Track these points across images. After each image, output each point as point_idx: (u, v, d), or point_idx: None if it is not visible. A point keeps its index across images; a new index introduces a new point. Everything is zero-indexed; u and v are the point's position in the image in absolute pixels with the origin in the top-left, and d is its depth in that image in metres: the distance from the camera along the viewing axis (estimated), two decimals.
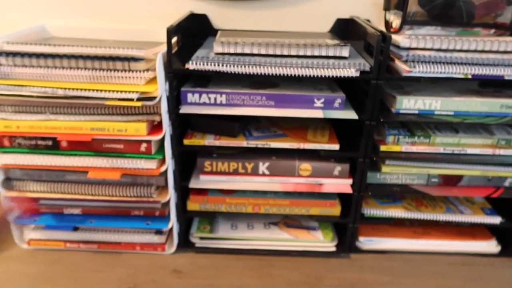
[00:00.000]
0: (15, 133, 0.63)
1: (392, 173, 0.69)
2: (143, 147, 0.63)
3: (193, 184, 0.69)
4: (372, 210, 0.72)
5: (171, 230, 0.73)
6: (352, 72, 0.60)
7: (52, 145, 0.64)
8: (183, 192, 0.71)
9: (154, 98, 0.59)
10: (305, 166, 0.68)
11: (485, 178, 0.69)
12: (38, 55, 0.59)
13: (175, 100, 0.63)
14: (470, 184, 0.70)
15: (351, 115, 0.63)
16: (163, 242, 0.72)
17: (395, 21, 0.67)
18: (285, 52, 0.61)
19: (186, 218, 0.74)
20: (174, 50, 0.67)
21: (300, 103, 0.64)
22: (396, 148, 0.67)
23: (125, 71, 0.59)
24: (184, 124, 0.70)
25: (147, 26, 0.80)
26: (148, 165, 0.64)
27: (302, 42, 0.62)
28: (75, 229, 0.72)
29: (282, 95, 0.63)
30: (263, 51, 0.61)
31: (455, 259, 0.74)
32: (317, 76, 0.60)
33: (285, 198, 0.72)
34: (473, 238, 0.75)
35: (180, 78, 0.66)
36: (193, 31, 0.77)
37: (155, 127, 0.64)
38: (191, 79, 0.69)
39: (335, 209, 0.72)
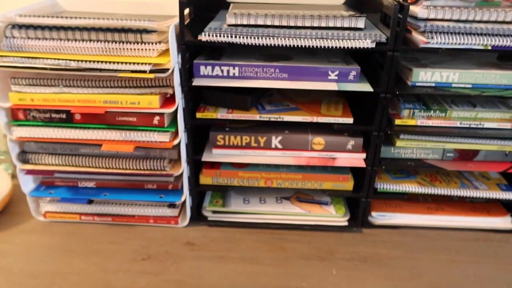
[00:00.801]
0: (29, 106, 0.63)
1: (406, 148, 0.68)
2: (156, 120, 0.63)
3: (206, 157, 0.69)
4: (386, 185, 0.72)
5: (184, 203, 0.73)
6: (368, 43, 0.58)
7: (66, 118, 0.64)
8: (196, 166, 0.71)
9: (167, 70, 0.59)
10: (318, 140, 0.68)
11: (502, 153, 0.68)
12: (50, 28, 0.59)
13: (187, 72, 0.63)
14: (486, 159, 0.69)
15: (366, 87, 0.62)
16: (176, 216, 0.73)
17: None
18: (299, 24, 0.60)
19: (198, 192, 0.74)
20: (186, 22, 0.66)
21: (314, 75, 0.63)
22: (411, 122, 0.66)
23: (138, 43, 0.59)
24: (197, 98, 0.69)
25: None
26: (161, 138, 0.64)
27: (317, 13, 0.61)
28: (90, 202, 0.73)
29: (296, 67, 0.62)
30: (276, 23, 0.60)
31: (468, 234, 0.73)
32: (332, 47, 0.59)
33: (298, 172, 0.71)
34: (488, 214, 0.74)
35: (192, 51, 0.66)
36: (205, 4, 0.76)
37: (168, 99, 0.64)
38: (204, 52, 0.69)
39: (348, 184, 0.72)
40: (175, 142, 0.65)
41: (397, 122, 0.66)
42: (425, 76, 0.62)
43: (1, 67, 0.60)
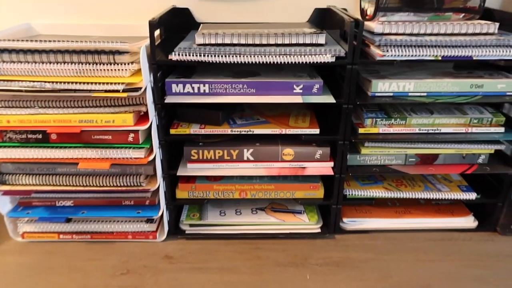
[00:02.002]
0: (5, 127, 0.65)
1: (371, 155, 0.72)
2: (130, 137, 0.66)
3: (181, 172, 0.71)
4: (354, 191, 0.75)
5: (161, 218, 0.75)
6: (328, 58, 0.62)
7: (42, 138, 0.66)
8: (172, 181, 0.73)
9: (139, 89, 0.62)
10: (288, 151, 0.71)
11: (459, 156, 0.73)
12: (25, 51, 0.61)
13: (160, 90, 0.66)
14: (445, 162, 0.73)
15: (329, 99, 0.66)
16: (154, 230, 0.75)
17: (370, 9, 0.70)
18: (264, 41, 0.64)
19: (175, 206, 0.76)
20: (158, 42, 0.69)
21: (280, 89, 0.66)
22: (374, 130, 0.70)
23: (111, 64, 0.61)
24: (170, 115, 0.72)
25: (131, 22, 0.82)
26: (136, 154, 0.66)
27: (281, 31, 0.65)
28: (68, 220, 0.74)
29: (263, 83, 0.66)
30: (243, 41, 0.64)
31: (435, 235, 0.77)
32: (295, 62, 0.63)
33: (270, 183, 0.74)
34: (452, 215, 0.78)
35: (165, 70, 0.69)
36: (176, 26, 0.80)
37: (142, 117, 0.67)
38: (176, 71, 0.71)
39: (318, 192, 0.75)
40: (150, 158, 0.67)
41: (361, 130, 0.70)
42: (383, 87, 0.66)
43: None
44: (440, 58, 0.63)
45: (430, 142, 0.71)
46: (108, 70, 0.62)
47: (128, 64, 0.62)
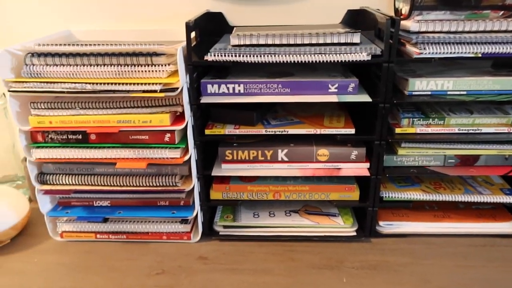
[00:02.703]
0: (47, 128, 0.67)
1: (408, 155, 0.71)
2: (167, 137, 0.67)
3: (215, 172, 0.72)
4: (391, 193, 0.74)
5: (195, 220, 0.75)
6: (364, 56, 0.62)
7: (82, 139, 0.68)
8: (206, 181, 0.74)
9: (176, 89, 0.63)
10: (323, 151, 0.71)
11: (502, 157, 0.70)
12: (67, 55, 0.64)
13: (195, 91, 0.67)
14: (487, 163, 0.71)
15: (365, 98, 0.65)
16: (188, 231, 0.75)
17: (404, 8, 0.70)
18: (299, 41, 0.64)
19: (209, 207, 0.76)
20: (193, 44, 0.70)
21: (315, 89, 0.66)
22: (411, 130, 0.68)
23: (148, 65, 0.63)
24: (205, 115, 0.73)
25: (166, 26, 0.84)
26: (172, 154, 0.67)
27: (315, 31, 0.65)
28: (105, 220, 0.75)
29: (298, 82, 0.66)
30: (277, 41, 0.64)
31: (475, 240, 0.74)
32: (330, 61, 0.62)
33: (305, 184, 0.74)
34: (494, 220, 0.75)
35: (200, 71, 0.70)
36: (210, 29, 0.81)
37: (178, 117, 0.68)
38: (211, 72, 0.72)
39: (354, 194, 0.74)
40: (186, 158, 0.68)
41: (398, 130, 0.68)
42: (420, 85, 0.65)
43: (22, 92, 0.64)
44: (480, 55, 0.62)
45: (470, 143, 0.69)
46: (145, 71, 0.63)
47: (165, 65, 0.63)
